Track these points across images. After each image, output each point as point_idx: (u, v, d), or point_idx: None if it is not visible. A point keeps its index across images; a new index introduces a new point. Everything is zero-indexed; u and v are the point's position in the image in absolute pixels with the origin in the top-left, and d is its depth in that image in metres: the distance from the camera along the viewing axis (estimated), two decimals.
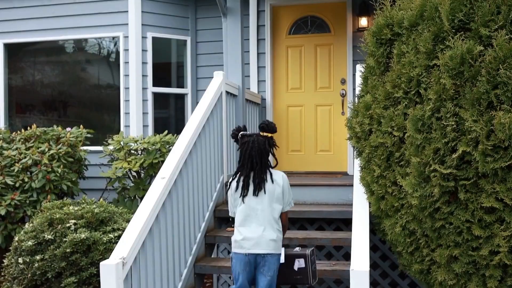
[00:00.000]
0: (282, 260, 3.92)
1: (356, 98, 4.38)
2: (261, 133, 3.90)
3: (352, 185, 4.71)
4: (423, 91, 3.34)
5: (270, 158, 3.94)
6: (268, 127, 3.92)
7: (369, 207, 4.12)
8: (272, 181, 3.82)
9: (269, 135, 3.91)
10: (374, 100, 3.83)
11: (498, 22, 3.06)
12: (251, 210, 3.78)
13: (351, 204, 4.40)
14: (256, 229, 3.74)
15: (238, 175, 3.87)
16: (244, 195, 3.80)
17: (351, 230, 4.12)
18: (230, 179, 3.93)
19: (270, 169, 3.88)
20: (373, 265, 5.19)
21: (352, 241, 3.79)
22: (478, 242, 3.16)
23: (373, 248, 5.16)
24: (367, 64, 4.06)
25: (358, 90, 4.48)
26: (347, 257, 5.09)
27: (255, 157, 3.81)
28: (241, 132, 3.94)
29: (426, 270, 3.62)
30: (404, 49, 3.56)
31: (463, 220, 3.17)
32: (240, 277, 3.74)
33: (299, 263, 4.03)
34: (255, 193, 3.79)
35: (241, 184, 3.82)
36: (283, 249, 3.91)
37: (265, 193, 3.79)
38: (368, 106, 3.90)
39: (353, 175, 4.78)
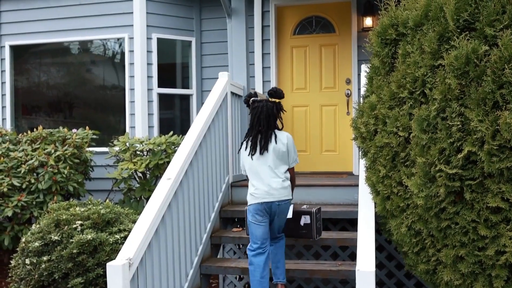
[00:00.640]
0: (290, 215, 4.44)
1: (361, 98, 4.38)
2: (270, 99, 4.38)
3: (357, 185, 4.71)
4: (428, 91, 3.34)
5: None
6: (276, 93, 4.42)
7: (375, 207, 4.12)
8: (277, 141, 4.28)
9: (277, 100, 4.39)
10: (379, 100, 3.82)
11: (503, 21, 3.06)
12: (261, 166, 4.27)
13: (357, 204, 4.40)
14: (266, 181, 4.23)
15: (248, 136, 4.37)
16: (253, 154, 4.29)
17: (356, 230, 4.12)
18: (242, 140, 4.45)
19: (276, 130, 4.34)
20: (379, 265, 5.18)
21: (358, 242, 3.79)
22: (484, 242, 3.15)
23: (379, 248, 5.15)
24: (372, 64, 4.06)
25: (363, 90, 4.48)
26: (353, 257, 5.08)
27: (263, 120, 4.28)
28: (252, 98, 4.41)
29: (432, 270, 3.61)
30: (409, 49, 3.55)
31: (469, 220, 3.17)
32: (260, 227, 4.24)
33: (305, 219, 4.65)
34: (262, 151, 4.27)
35: (250, 144, 4.32)
36: (291, 205, 4.41)
37: (271, 151, 4.26)
38: (373, 106, 3.90)
39: (358, 175, 4.77)
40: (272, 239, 4.42)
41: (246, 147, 4.35)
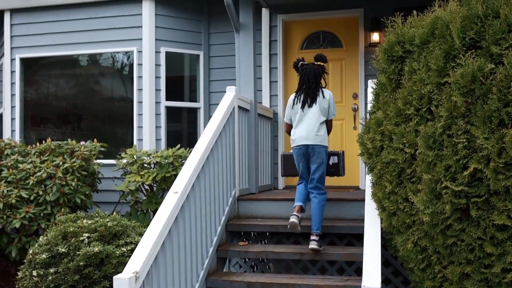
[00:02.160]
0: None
1: (367, 114, 4.40)
2: (315, 63, 5.24)
3: (363, 200, 4.71)
4: (435, 108, 3.36)
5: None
6: (321, 58, 5.29)
7: (381, 223, 4.12)
8: (324, 96, 5.16)
9: (321, 64, 5.24)
10: (386, 117, 3.85)
11: (509, 40, 3.08)
12: (304, 116, 5.16)
13: (363, 219, 4.40)
14: (305, 128, 5.12)
15: (297, 92, 5.27)
16: (301, 106, 5.16)
17: (363, 245, 4.12)
18: (291, 96, 5.35)
19: (321, 88, 5.21)
20: (385, 281, 5.17)
21: (364, 257, 3.80)
22: (490, 259, 3.15)
23: (385, 263, 5.14)
24: (378, 81, 4.08)
25: (369, 106, 4.50)
26: (359, 272, 5.08)
27: (311, 78, 5.16)
28: (301, 62, 5.30)
29: (438, 287, 3.61)
30: (415, 66, 3.58)
31: (475, 237, 3.17)
32: (300, 165, 5.21)
33: (333, 160, 5.63)
34: (309, 104, 5.14)
35: (301, 98, 5.18)
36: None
37: (316, 104, 5.14)
38: (379, 123, 3.92)
39: (364, 190, 4.79)
40: (314, 188, 5.13)
41: (297, 101, 5.22)
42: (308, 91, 5.17)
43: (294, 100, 5.27)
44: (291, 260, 5.41)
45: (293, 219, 4.98)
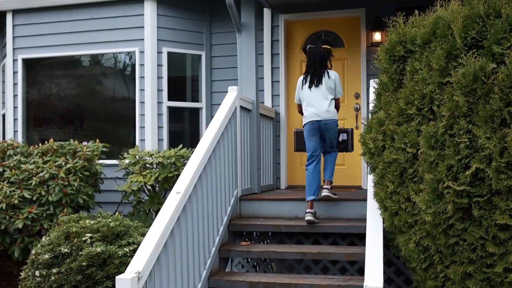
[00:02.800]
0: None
1: (369, 114, 4.41)
2: (322, 46, 5.64)
3: (366, 200, 4.71)
4: (436, 108, 3.36)
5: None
6: (327, 41, 5.91)
7: (383, 222, 4.12)
8: (329, 76, 5.55)
9: (328, 47, 5.65)
10: (388, 116, 3.85)
11: (510, 39, 3.08)
12: (312, 95, 5.53)
13: (365, 219, 4.40)
14: (317, 106, 5.49)
15: (305, 74, 5.65)
16: (310, 86, 5.55)
17: (365, 245, 4.13)
18: (300, 77, 5.73)
19: (327, 69, 5.59)
20: (388, 280, 5.17)
21: (366, 257, 3.80)
22: (492, 259, 3.15)
23: (387, 263, 5.14)
24: (380, 81, 4.09)
25: (371, 106, 4.50)
26: (361, 272, 5.07)
27: (317, 60, 5.55)
28: (309, 45, 5.68)
29: (440, 287, 3.61)
30: (417, 66, 3.58)
31: (477, 237, 3.17)
32: (312, 142, 5.53)
33: (342, 136, 5.94)
34: (316, 84, 5.53)
35: (308, 79, 5.57)
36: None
37: (322, 84, 5.52)
38: (381, 122, 3.92)
39: (366, 189, 4.79)
40: (326, 153, 5.71)
41: (305, 82, 5.61)
42: (315, 72, 5.54)
43: (302, 81, 5.65)
44: (293, 260, 5.41)
45: (308, 217, 5.22)
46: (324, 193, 5.44)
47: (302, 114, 5.70)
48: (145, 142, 7.68)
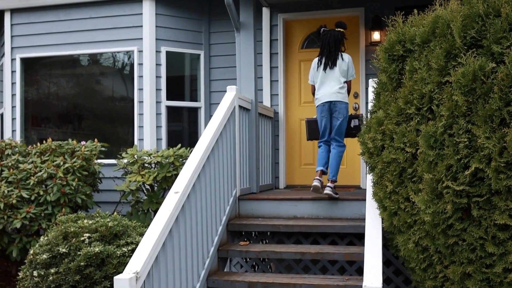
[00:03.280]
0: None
1: (368, 113, 4.39)
2: (336, 29, 5.89)
3: (365, 200, 4.70)
4: (436, 107, 3.35)
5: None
6: (341, 24, 5.94)
7: (382, 222, 4.11)
8: (343, 59, 5.83)
9: (341, 30, 5.87)
10: (387, 116, 3.84)
11: (510, 39, 3.07)
12: (325, 77, 5.82)
13: (364, 219, 4.39)
14: (328, 87, 5.79)
15: (319, 56, 5.89)
16: (323, 68, 5.81)
17: (364, 245, 4.12)
18: (314, 59, 6.00)
19: (341, 52, 5.85)
20: (386, 280, 5.16)
21: (365, 257, 3.79)
22: (491, 259, 3.14)
23: (386, 263, 5.14)
24: (379, 80, 4.08)
25: (370, 105, 4.49)
26: (360, 272, 5.07)
27: (331, 43, 5.81)
28: (322, 28, 5.95)
29: (439, 287, 3.60)
30: (416, 65, 3.57)
31: (477, 237, 3.16)
32: (323, 121, 5.82)
33: (354, 122, 6.03)
34: (331, 66, 5.80)
35: (323, 61, 5.83)
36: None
37: (336, 66, 5.80)
38: (380, 122, 3.91)
39: (366, 189, 4.78)
40: (334, 140, 5.82)
41: (320, 64, 5.87)
42: (329, 54, 5.81)
43: (317, 63, 5.90)
44: (292, 260, 5.40)
45: (315, 182, 5.56)
46: (327, 191, 5.49)
47: (314, 95, 5.99)
48: (144, 142, 7.67)
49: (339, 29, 5.88)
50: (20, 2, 8.19)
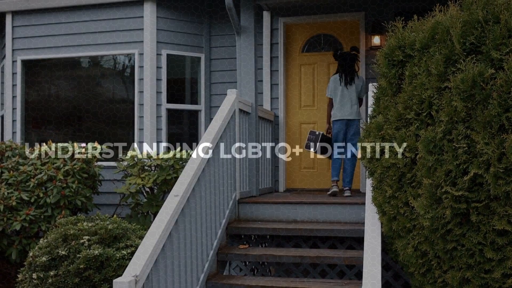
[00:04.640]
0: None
1: (368, 118, 4.41)
2: (352, 52, 6.59)
3: (364, 204, 4.71)
4: (435, 113, 3.36)
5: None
6: (356, 48, 6.65)
7: (381, 227, 4.12)
8: (358, 77, 6.57)
9: (356, 53, 6.61)
10: (386, 121, 3.85)
11: (509, 45, 3.09)
12: (344, 94, 6.49)
13: (364, 223, 4.40)
14: (345, 104, 6.46)
15: (339, 73, 6.56)
16: (344, 84, 6.47)
17: (363, 249, 4.12)
18: (335, 75, 6.65)
19: (356, 71, 6.59)
20: (385, 285, 5.17)
21: (364, 262, 3.79)
22: (490, 264, 3.15)
23: (385, 267, 5.14)
24: (379, 85, 4.09)
25: (370, 110, 4.51)
26: (359, 275, 5.07)
27: (349, 62, 6.52)
28: (339, 51, 6.64)
29: None
30: (415, 71, 3.58)
31: (475, 242, 3.17)
32: (339, 135, 6.47)
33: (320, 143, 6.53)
34: (350, 83, 6.49)
35: (343, 78, 6.49)
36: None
37: (354, 83, 6.50)
38: (380, 127, 3.92)
39: (365, 193, 4.79)
40: (348, 157, 6.47)
41: (341, 80, 6.50)
42: (347, 72, 6.50)
43: (339, 80, 6.52)
44: (292, 264, 5.41)
45: (334, 189, 6.29)
46: (346, 193, 6.32)
47: (330, 107, 6.62)
48: (144, 144, 7.68)
49: (353, 52, 6.57)
50: (22, 4, 8.21)
